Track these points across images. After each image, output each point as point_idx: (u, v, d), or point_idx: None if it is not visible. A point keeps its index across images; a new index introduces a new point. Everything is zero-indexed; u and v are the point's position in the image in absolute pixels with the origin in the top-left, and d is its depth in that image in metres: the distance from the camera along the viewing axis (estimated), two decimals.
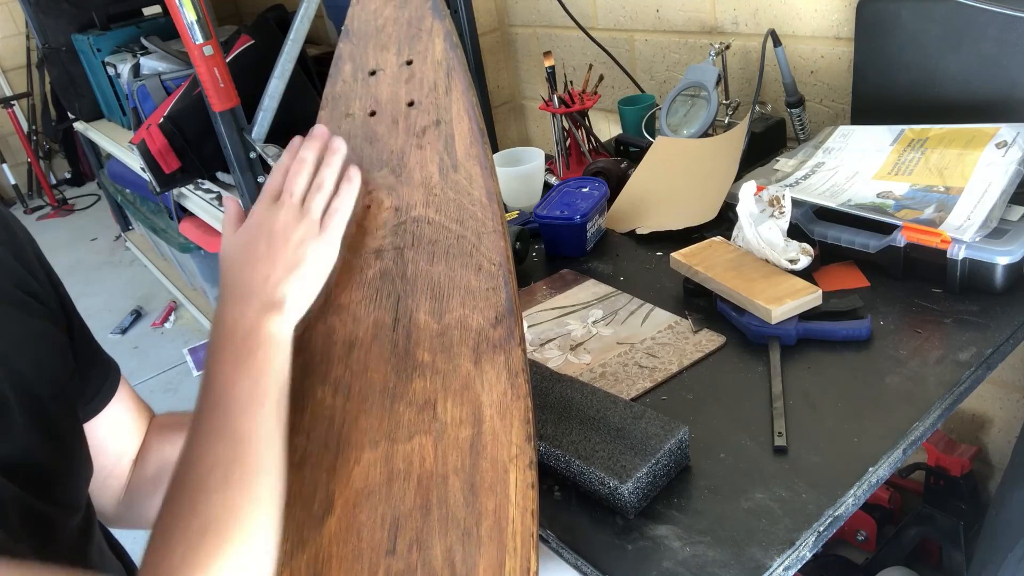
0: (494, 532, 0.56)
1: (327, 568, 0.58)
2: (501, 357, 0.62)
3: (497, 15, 2.02)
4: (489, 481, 0.58)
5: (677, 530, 0.68)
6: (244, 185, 1.60)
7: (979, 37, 1.06)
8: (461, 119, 0.71)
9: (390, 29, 0.74)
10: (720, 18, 1.47)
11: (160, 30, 2.57)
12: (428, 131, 0.72)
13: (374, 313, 0.68)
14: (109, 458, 0.75)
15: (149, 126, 1.82)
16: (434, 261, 0.68)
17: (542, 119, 2.11)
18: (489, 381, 0.62)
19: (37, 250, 0.68)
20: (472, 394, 0.62)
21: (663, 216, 1.19)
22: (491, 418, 0.61)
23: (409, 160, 0.72)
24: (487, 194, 0.69)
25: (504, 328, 0.64)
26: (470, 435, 0.60)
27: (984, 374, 0.83)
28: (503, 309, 0.64)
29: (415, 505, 0.59)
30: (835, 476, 0.71)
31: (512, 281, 0.65)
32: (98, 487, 0.75)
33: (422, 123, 0.72)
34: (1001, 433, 1.40)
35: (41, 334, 0.63)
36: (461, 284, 0.66)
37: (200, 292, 2.98)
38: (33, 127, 4.59)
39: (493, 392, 0.61)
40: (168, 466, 0.77)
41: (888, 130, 1.09)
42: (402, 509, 0.59)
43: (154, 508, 0.77)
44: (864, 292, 0.95)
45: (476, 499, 0.58)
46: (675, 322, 0.96)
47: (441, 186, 0.70)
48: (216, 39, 1.45)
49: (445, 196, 0.70)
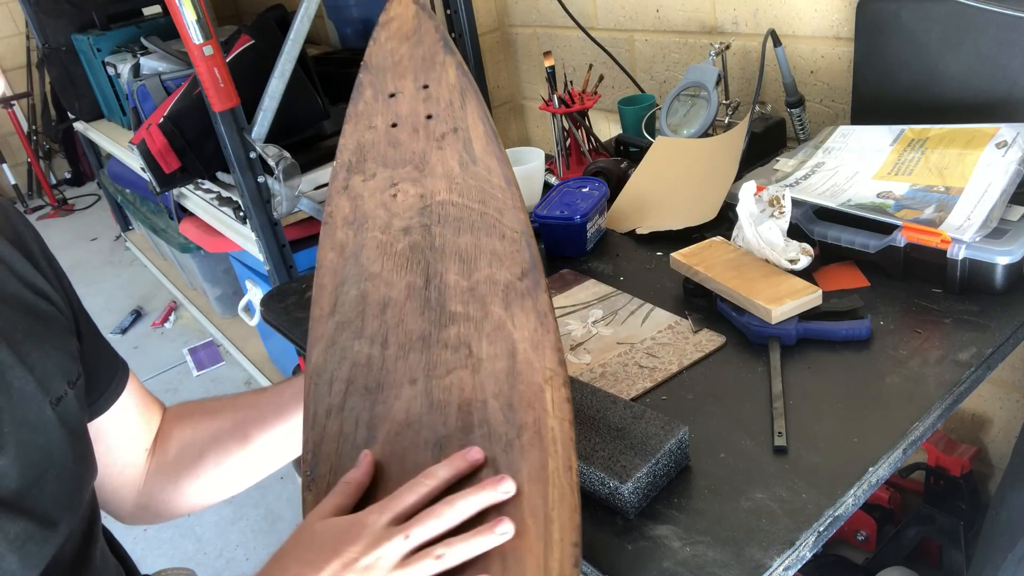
0: (535, 440, 0.60)
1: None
2: (529, 302, 0.67)
3: (497, 15, 2.02)
4: (527, 399, 0.62)
5: (677, 530, 0.68)
6: (244, 185, 1.60)
7: (979, 37, 1.06)
8: (476, 126, 0.76)
9: (406, 63, 0.80)
10: (720, 18, 1.47)
11: (160, 30, 2.56)
12: (447, 136, 0.77)
13: (406, 277, 0.71)
14: (123, 451, 0.76)
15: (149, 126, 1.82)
16: (460, 234, 0.72)
17: (542, 119, 2.11)
18: (520, 322, 0.66)
19: (45, 248, 0.68)
20: (504, 333, 0.66)
21: (663, 216, 1.19)
22: (524, 351, 0.65)
23: (431, 158, 0.77)
24: (505, 180, 0.74)
25: (530, 280, 0.68)
26: (505, 366, 0.64)
27: (984, 374, 0.83)
28: (528, 265, 0.68)
29: (456, 427, 0.63)
30: (835, 476, 0.71)
31: (534, 244, 0.69)
32: (114, 481, 0.75)
33: (440, 130, 0.77)
34: (1001, 433, 1.40)
35: (50, 337, 0.63)
36: (487, 249, 0.70)
37: (200, 292, 2.98)
38: (33, 127, 4.59)
39: (524, 330, 0.65)
40: (189, 448, 0.78)
41: (888, 130, 1.09)
42: (444, 432, 0.63)
43: (177, 494, 0.78)
44: (864, 292, 0.95)
45: (515, 415, 0.62)
46: (675, 322, 0.96)
47: (462, 176, 0.75)
48: (216, 39, 1.45)
49: (467, 184, 0.74)
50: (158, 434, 0.80)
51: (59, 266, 0.69)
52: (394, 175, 0.76)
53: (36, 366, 0.60)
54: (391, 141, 0.78)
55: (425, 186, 0.75)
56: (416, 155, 0.76)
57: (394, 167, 0.77)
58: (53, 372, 0.61)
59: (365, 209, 0.75)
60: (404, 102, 0.78)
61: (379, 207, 0.75)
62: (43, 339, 0.62)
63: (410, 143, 0.77)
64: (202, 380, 2.73)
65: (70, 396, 0.63)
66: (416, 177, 0.76)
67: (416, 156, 0.76)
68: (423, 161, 0.76)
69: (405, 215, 0.74)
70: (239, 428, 0.78)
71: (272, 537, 2.06)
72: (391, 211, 0.75)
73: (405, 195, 0.75)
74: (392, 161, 0.77)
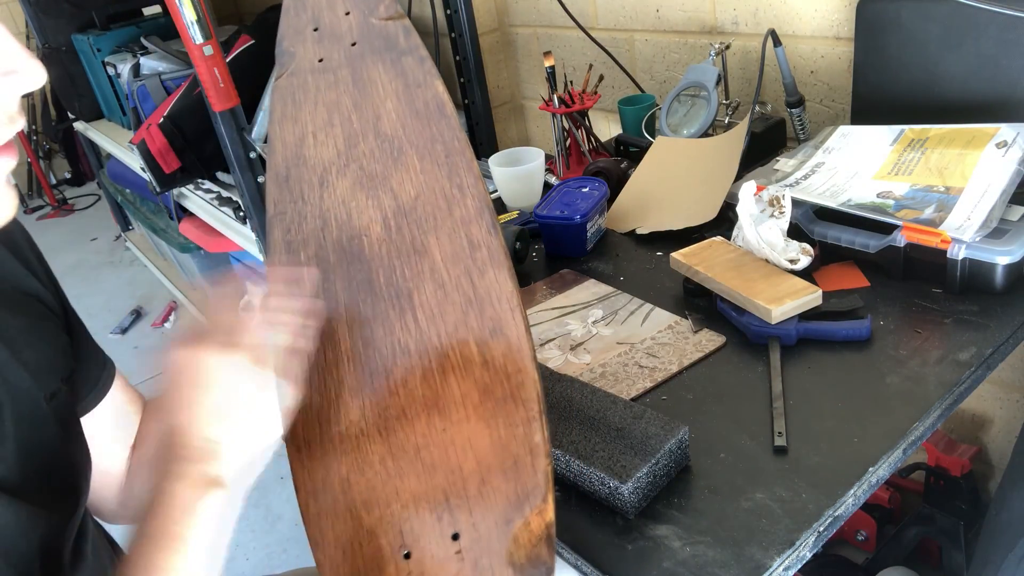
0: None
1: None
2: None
3: (497, 15, 2.02)
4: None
5: (677, 530, 0.68)
6: (244, 185, 1.60)
7: (979, 37, 1.06)
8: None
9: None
10: (720, 18, 1.47)
11: (160, 30, 2.57)
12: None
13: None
14: (109, 448, 0.76)
15: (149, 126, 1.82)
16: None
17: (542, 119, 2.11)
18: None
19: (34, 247, 0.68)
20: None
21: (663, 216, 1.19)
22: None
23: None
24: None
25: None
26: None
27: (984, 374, 0.83)
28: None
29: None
30: (835, 476, 0.71)
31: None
32: (97, 480, 0.75)
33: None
34: (1001, 433, 1.40)
35: (42, 334, 0.63)
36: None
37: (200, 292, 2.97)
38: (33, 127, 4.59)
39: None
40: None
41: (888, 130, 1.09)
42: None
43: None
44: (864, 292, 0.95)
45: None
46: (675, 322, 0.96)
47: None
48: (216, 39, 1.45)
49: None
50: (139, 430, 0.80)
51: (48, 265, 0.69)
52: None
53: (30, 362, 0.60)
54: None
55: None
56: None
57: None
58: (47, 368, 0.62)
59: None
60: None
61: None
62: (36, 336, 0.62)
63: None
64: None
65: (64, 392, 0.64)
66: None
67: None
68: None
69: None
70: None
71: (272, 537, 2.06)
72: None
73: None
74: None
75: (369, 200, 0.71)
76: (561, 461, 0.74)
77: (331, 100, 0.75)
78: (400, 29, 0.76)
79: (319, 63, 0.77)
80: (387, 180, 0.71)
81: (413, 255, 0.69)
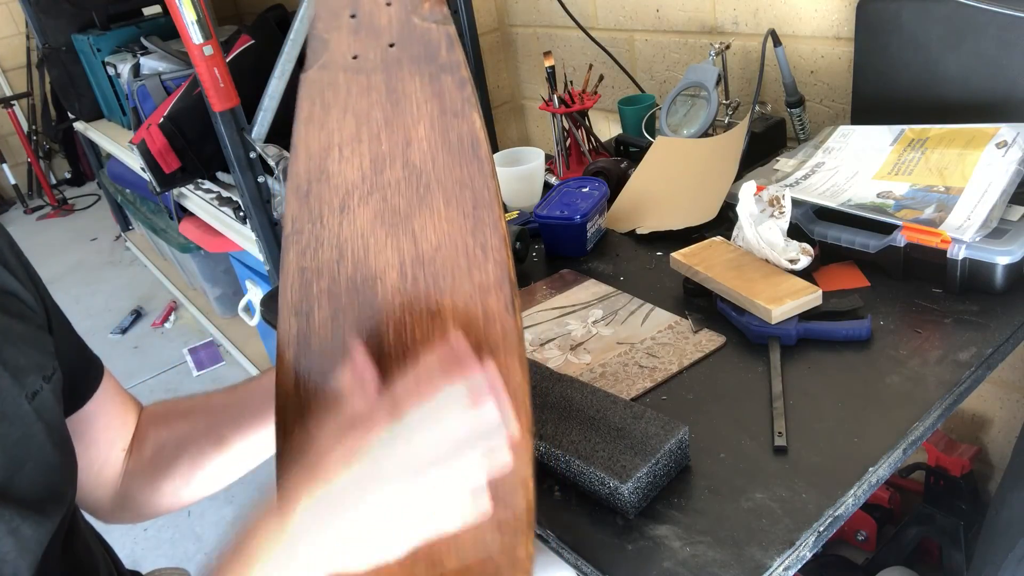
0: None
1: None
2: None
3: (497, 15, 2.02)
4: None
5: (677, 530, 0.68)
6: (244, 185, 1.61)
7: (979, 37, 1.06)
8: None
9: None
10: (720, 18, 1.47)
11: (160, 30, 2.57)
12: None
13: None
14: (100, 450, 0.76)
15: (149, 126, 1.82)
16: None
17: (542, 119, 2.12)
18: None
19: (13, 245, 0.68)
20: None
21: (663, 216, 1.19)
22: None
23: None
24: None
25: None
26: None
27: (984, 374, 0.83)
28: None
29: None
30: (835, 476, 0.71)
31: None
32: (91, 481, 0.75)
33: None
34: (1001, 433, 1.40)
35: (21, 331, 0.63)
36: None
37: (200, 292, 2.98)
38: (33, 127, 4.59)
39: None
40: (164, 449, 0.78)
41: (888, 130, 1.09)
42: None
43: (155, 494, 0.78)
44: (864, 292, 0.95)
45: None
46: (675, 322, 0.96)
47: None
48: (216, 39, 1.45)
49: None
50: (135, 434, 0.79)
51: (28, 262, 0.69)
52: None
53: (9, 361, 0.60)
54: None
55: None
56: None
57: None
58: (27, 367, 0.62)
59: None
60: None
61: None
62: (15, 335, 0.62)
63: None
64: (202, 380, 2.73)
65: (46, 390, 0.63)
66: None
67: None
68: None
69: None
70: (213, 431, 0.78)
71: None
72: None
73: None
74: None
75: (389, 239, 0.64)
76: (561, 461, 0.74)
77: (361, 110, 0.67)
78: (444, 37, 0.66)
79: (353, 60, 0.68)
80: (410, 220, 0.64)
81: (426, 314, 0.61)
